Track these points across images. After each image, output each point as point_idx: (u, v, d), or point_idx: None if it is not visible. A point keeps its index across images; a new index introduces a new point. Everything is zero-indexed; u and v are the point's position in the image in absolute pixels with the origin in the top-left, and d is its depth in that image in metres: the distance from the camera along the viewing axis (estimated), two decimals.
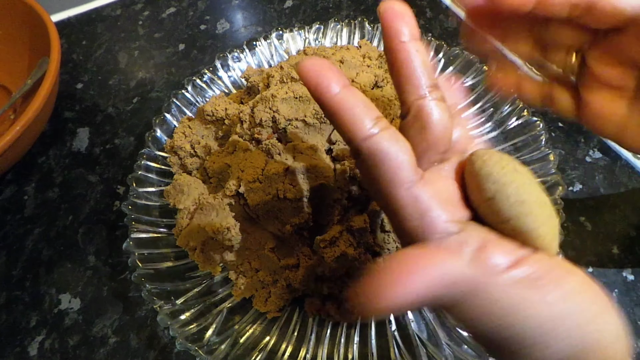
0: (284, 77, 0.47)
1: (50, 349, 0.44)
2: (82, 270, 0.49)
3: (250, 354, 0.41)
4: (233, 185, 0.42)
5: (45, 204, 0.53)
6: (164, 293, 0.43)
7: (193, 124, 0.51)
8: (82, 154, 0.57)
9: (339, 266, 0.41)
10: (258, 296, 0.44)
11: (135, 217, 0.46)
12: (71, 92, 0.62)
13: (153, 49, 0.66)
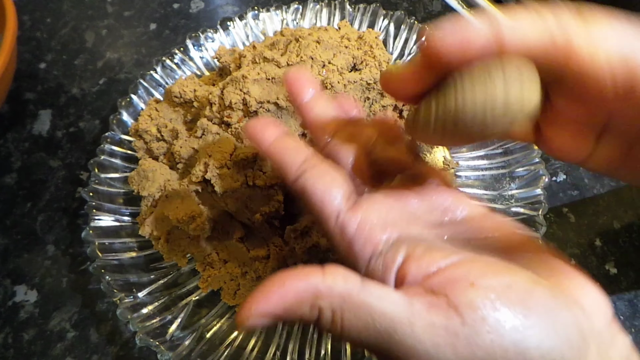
0: (256, 58, 0.44)
1: (3, 344, 0.42)
2: (40, 260, 0.46)
3: (216, 349, 0.39)
4: (200, 171, 0.40)
5: (2, 190, 0.49)
6: (126, 285, 0.40)
7: (160, 107, 0.48)
8: (43, 137, 0.53)
9: (310, 258, 0.39)
10: (226, 289, 0.41)
11: (97, 205, 0.43)
12: (33, 71, 0.58)
13: (122, 28, 0.62)
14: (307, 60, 0.43)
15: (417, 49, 0.53)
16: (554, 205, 0.47)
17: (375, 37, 0.48)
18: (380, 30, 0.55)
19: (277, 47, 0.46)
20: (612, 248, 0.45)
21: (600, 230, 0.46)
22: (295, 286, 0.19)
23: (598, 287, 0.21)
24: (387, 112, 0.47)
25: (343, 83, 0.42)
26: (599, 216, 0.46)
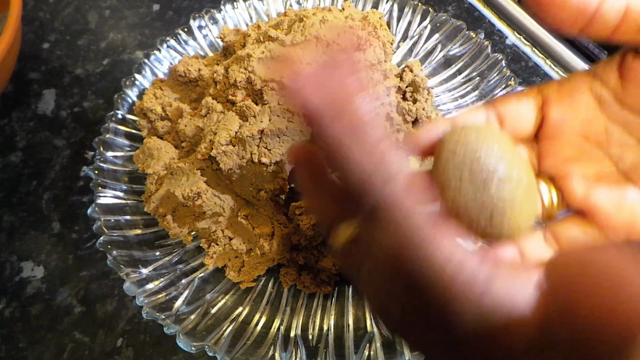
0: (260, 37, 0.44)
1: (11, 317, 0.42)
2: (46, 237, 0.46)
3: (221, 324, 0.39)
4: (205, 148, 0.40)
5: (7, 168, 0.50)
6: (132, 261, 0.41)
7: (165, 86, 0.48)
8: (47, 117, 0.53)
9: (315, 234, 0.39)
10: (231, 266, 0.42)
11: (102, 182, 0.43)
12: (37, 52, 0.58)
13: (125, 9, 0.62)
14: (312, 40, 0.43)
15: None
16: None
17: (379, 17, 0.48)
18: (384, 11, 0.55)
19: (282, 26, 0.46)
20: None
21: None
22: None
23: None
24: (391, 94, 0.48)
25: None
26: None
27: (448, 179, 0.22)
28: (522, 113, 0.25)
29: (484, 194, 0.21)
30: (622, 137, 0.24)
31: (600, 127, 0.24)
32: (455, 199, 0.22)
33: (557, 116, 0.24)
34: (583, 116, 0.24)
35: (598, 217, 0.23)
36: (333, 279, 0.42)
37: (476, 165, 0.21)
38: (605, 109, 0.24)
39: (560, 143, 0.25)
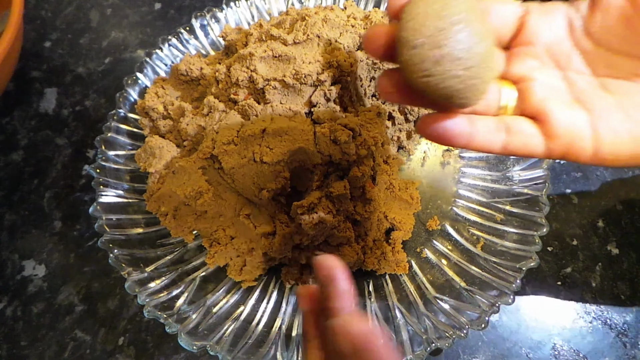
0: (263, 35, 0.44)
1: (13, 316, 0.42)
2: (48, 236, 0.46)
3: (223, 323, 0.39)
4: (207, 147, 0.40)
5: (9, 167, 0.50)
6: (134, 260, 0.41)
7: (167, 85, 0.48)
8: (49, 115, 0.53)
9: (317, 234, 0.39)
10: (233, 265, 0.42)
11: (104, 181, 0.43)
12: (38, 50, 0.58)
13: (127, 7, 0.62)
14: (314, 39, 0.43)
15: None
16: (557, 187, 0.47)
17: (381, 16, 0.48)
18: (386, 10, 0.54)
19: (284, 25, 0.46)
20: (614, 229, 0.45)
21: (603, 212, 0.46)
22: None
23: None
24: None
25: (349, 62, 0.42)
26: (601, 197, 0.47)
27: (412, 31, 0.22)
28: (507, 14, 0.27)
29: (447, 46, 0.21)
30: (579, 65, 0.26)
31: (565, 49, 0.27)
32: (415, 54, 0.22)
33: (534, 27, 0.26)
34: (554, 34, 0.26)
35: (547, 124, 0.25)
36: None
37: (441, 17, 0.22)
38: (572, 33, 0.26)
39: (530, 52, 0.27)
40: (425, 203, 0.46)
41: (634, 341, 0.40)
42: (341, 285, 0.26)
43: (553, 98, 0.26)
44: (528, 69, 0.27)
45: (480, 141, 0.25)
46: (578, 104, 0.26)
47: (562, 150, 0.25)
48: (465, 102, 0.23)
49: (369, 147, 0.40)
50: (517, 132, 0.26)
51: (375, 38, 0.24)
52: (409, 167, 0.48)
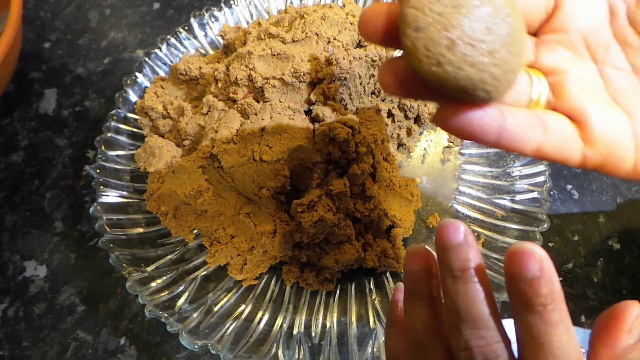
0: (261, 34, 0.44)
1: (14, 317, 0.42)
2: (49, 236, 0.46)
3: (224, 322, 0.39)
4: (206, 146, 0.40)
5: (9, 167, 0.50)
6: (135, 260, 0.41)
7: (166, 84, 0.48)
8: (49, 116, 0.53)
9: (317, 232, 0.39)
10: (233, 264, 0.42)
11: (104, 181, 0.43)
12: (38, 51, 0.58)
13: (126, 7, 0.62)
14: (312, 37, 0.43)
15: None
16: (558, 182, 0.47)
17: None
18: None
19: (282, 24, 0.46)
20: (615, 224, 0.45)
21: (604, 207, 0.46)
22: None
23: None
24: None
25: (348, 59, 0.42)
26: (602, 193, 0.47)
27: (417, 7, 0.18)
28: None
29: (463, 25, 0.17)
30: (618, 59, 0.23)
31: (604, 39, 0.23)
32: (422, 37, 0.18)
33: (569, 11, 0.23)
34: (592, 21, 0.23)
35: (585, 126, 0.22)
36: (336, 277, 0.42)
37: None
38: (614, 20, 0.23)
39: (563, 40, 0.23)
40: (425, 200, 0.46)
41: None
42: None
43: (591, 96, 0.22)
44: (560, 60, 0.23)
45: (512, 138, 0.21)
46: (617, 106, 0.23)
47: (599, 159, 0.22)
48: (488, 96, 0.19)
49: (369, 145, 0.40)
50: (555, 132, 0.21)
51: (373, 19, 0.20)
52: (409, 164, 0.48)
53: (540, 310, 0.19)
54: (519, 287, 0.20)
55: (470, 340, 0.20)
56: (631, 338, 0.20)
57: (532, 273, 0.19)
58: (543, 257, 0.19)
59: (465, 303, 0.21)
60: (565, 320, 0.20)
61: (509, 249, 0.20)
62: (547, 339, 0.19)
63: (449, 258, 0.21)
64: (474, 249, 0.21)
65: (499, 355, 0.20)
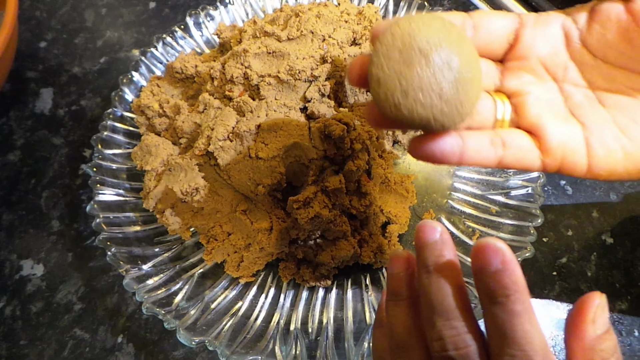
0: (257, 32, 0.44)
1: (12, 315, 0.42)
2: (46, 235, 0.46)
3: (221, 319, 0.39)
4: (202, 144, 0.40)
5: (5, 167, 0.50)
6: (132, 258, 0.41)
7: (162, 83, 0.48)
8: (45, 115, 0.54)
9: (313, 228, 0.39)
10: (230, 261, 0.42)
11: (101, 180, 0.44)
12: (33, 51, 0.58)
13: (121, 7, 0.62)
14: (308, 35, 0.43)
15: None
16: (552, 178, 0.48)
17: (374, 12, 0.48)
18: (379, 6, 0.55)
19: (278, 22, 0.47)
20: (609, 219, 0.45)
21: (597, 202, 0.46)
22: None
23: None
24: None
25: (343, 57, 0.42)
26: (595, 188, 0.47)
27: (378, 66, 0.22)
28: (499, 28, 0.26)
29: (413, 77, 0.21)
30: (575, 77, 0.26)
31: (562, 61, 0.26)
32: (382, 89, 0.22)
33: (528, 40, 0.26)
34: (550, 47, 0.26)
35: (542, 139, 0.25)
36: (332, 273, 0.42)
37: (406, 47, 0.22)
38: (569, 44, 0.26)
39: (525, 66, 0.27)
40: (420, 196, 0.46)
41: (630, 329, 0.41)
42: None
43: (547, 112, 0.26)
44: (523, 83, 0.26)
45: (473, 157, 0.25)
46: (573, 118, 0.26)
47: (556, 164, 0.25)
48: (443, 127, 0.23)
49: (364, 142, 0.40)
50: (513, 147, 0.25)
51: (353, 69, 0.25)
52: (404, 161, 0.48)
53: (503, 301, 0.20)
54: (483, 280, 0.21)
55: (443, 331, 0.21)
56: (598, 328, 0.21)
57: (494, 266, 0.21)
58: (505, 251, 0.21)
59: (439, 296, 0.22)
60: (529, 311, 0.20)
61: (474, 246, 0.21)
62: (510, 329, 0.20)
63: (425, 255, 0.23)
64: (448, 247, 0.23)
65: (469, 344, 0.21)
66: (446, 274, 0.22)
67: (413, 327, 0.24)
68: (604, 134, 0.25)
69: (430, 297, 0.22)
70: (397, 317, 0.24)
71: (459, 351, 0.21)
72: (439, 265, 0.22)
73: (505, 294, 0.20)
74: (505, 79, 0.27)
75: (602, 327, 0.21)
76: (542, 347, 0.20)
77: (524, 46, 0.26)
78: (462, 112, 0.23)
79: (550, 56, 0.26)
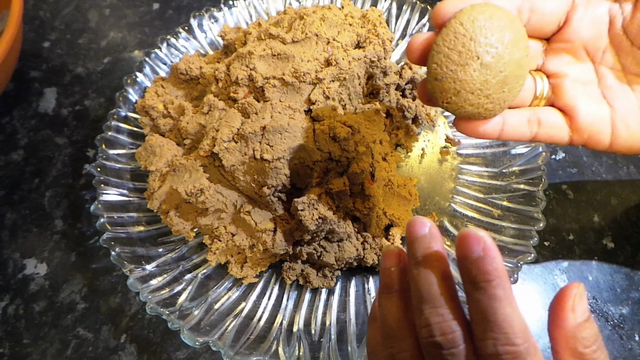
0: (262, 34, 0.45)
1: (15, 314, 0.42)
2: (49, 234, 0.46)
3: (225, 319, 0.40)
4: (207, 145, 0.40)
5: (9, 166, 0.50)
6: (135, 258, 0.41)
7: (166, 84, 0.48)
8: (49, 115, 0.54)
9: (317, 230, 0.39)
10: (234, 261, 0.42)
11: (105, 180, 0.44)
12: (37, 50, 0.58)
13: (125, 7, 0.62)
14: (312, 37, 0.43)
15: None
16: (554, 182, 0.48)
17: (378, 15, 0.48)
18: (382, 9, 0.55)
19: (282, 24, 0.47)
20: (610, 223, 0.46)
21: (598, 206, 0.47)
22: None
23: None
24: (390, 91, 0.48)
25: (348, 60, 0.43)
26: (597, 193, 0.47)
27: (437, 64, 0.26)
28: (552, 10, 0.29)
29: (465, 80, 0.25)
30: (611, 61, 0.30)
31: (602, 45, 0.29)
32: (438, 85, 0.26)
33: (576, 25, 0.29)
34: (595, 29, 0.29)
35: (574, 119, 0.29)
36: (335, 274, 0.42)
37: (462, 52, 0.25)
38: (612, 29, 0.29)
39: (567, 48, 0.30)
40: (423, 199, 0.46)
41: (630, 333, 0.41)
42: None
43: (582, 94, 0.29)
44: (562, 64, 0.30)
45: (511, 133, 0.29)
46: (604, 101, 0.29)
47: (583, 141, 0.29)
48: (485, 118, 0.27)
49: (368, 144, 0.40)
50: (547, 125, 0.29)
51: (415, 49, 0.28)
52: (407, 164, 0.48)
53: (485, 286, 0.22)
54: (466, 267, 0.22)
55: (430, 318, 0.23)
56: (578, 316, 0.22)
57: (476, 253, 0.22)
58: (486, 239, 0.22)
59: (426, 285, 0.23)
60: (509, 296, 0.22)
61: (457, 235, 0.23)
62: (492, 313, 0.21)
63: (414, 247, 0.24)
64: (436, 240, 0.24)
65: (455, 330, 0.22)
66: (433, 265, 0.24)
67: (403, 318, 0.25)
68: (629, 117, 0.29)
69: (418, 286, 0.23)
70: (389, 309, 0.26)
71: (445, 336, 0.22)
72: (427, 256, 0.24)
73: (486, 279, 0.22)
74: (548, 59, 0.30)
75: (581, 315, 0.22)
76: (522, 330, 0.21)
77: (571, 29, 0.29)
78: (504, 106, 0.27)
79: (593, 39, 0.29)
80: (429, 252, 0.24)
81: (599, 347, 0.22)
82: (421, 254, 0.24)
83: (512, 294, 0.22)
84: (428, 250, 0.24)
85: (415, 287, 0.24)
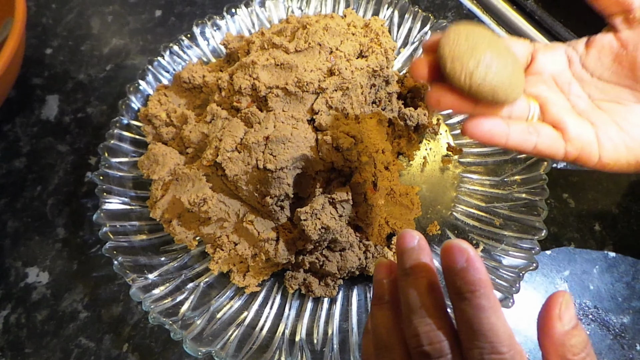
0: (265, 44, 0.45)
1: (17, 323, 0.42)
2: (51, 243, 0.46)
3: (227, 329, 0.40)
4: (210, 154, 0.40)
5: (11, 173, 0.50)
6: (138, 267, 0.41)
7: (169, 92, 0.49)
8: (51, 122, 0.54)
9: (320, 239, 0.39)
10: (236, 270, 0.42)
11: (107, 188, 0.44)
12: (39, 57, 0.58)
13: (127, 15, 0.62)
14: (315, 47, 0.43)
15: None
16: (555, 191, 0.48)
17: (381, 24, 0.49)
18: (384, 18, 0.55)
19: (285, 33, 0.47)
20: (611, 232, 0.46)
21: (600, 216, 0.47)
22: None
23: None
24: (392, 99, 0.48)
25: (350, 69, 0.43)
26: (598, 202, 0.48)
27: (450, 50, 0.28)
28: (520, 50, 0.34)
29: (482, 55, 0.28)
30: (578, 90, 0.34)
31: (566, 79, 0.34)
32: (457, 63, 0.28)
33: (541, 61, 0.34)
34: (557, 67, 0.34)
35: (564, 131, 0.32)
36: (337, 283, 0.42)
37: (469, 40, 0.28)
38: (571, 66, 0.34)
39: (540, 79, 0.34)
40: (425, 208, 0.46)
41: (631, 343, 0.41)
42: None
43: (565, 111, 0.32)
44: (541, 91, 0.33)
45: (516, 140, 0.31)
46: (584, 118, 0.32)
47: (576, 153, 0.31)
48: (506, 97, 0.29)
49: (371, 154, 0.40)
50: (545, 135, 0.31)
51: (420, 67, 0.30)
52: (408, 172, 0.49)
53: (469, 296, 0.22)
54: (451, 278, 0.23)
55: (418, 327, 0.23)
56: (565, 324, 0.23)
57: (460, 264, 0.23)
58: (469, 251, 0.23)
59: (414, 295, 0.24)
60: (494, 305, 0.22)
61: (442, 247, 0.24)
62: (477, 322, 0.22)
63: (404, 259, 0.25)
64: (424, 252, 0.25)
65: (442, 339, 0.23)
66: (422, 276, 0.24)
67: (394, 328, 0.26)
68: (609, 130, 0.32)
69: (407, 297, 0.24)
70: (380, 319, 0.26)
71: (433, 345, 0.23)
72: (415, 267, 0.25)
73: (470, 290, 0.22)
74: (527, 87, 0.33)
75: (569, 322, 0.23)
76: (508, 338, 0.22)
77: (538, 65, 0.34)
78: (519, 88, 0.29)
79: (557, 74, 0.34)
80: (417, 263, 0.25)
81: (589, 354, 0.23)
82: (410, 265, 0.25)
83: (497, 304, 0.22)
84: (416, 261, 0.25)
85: (404, 298, 0.25)
